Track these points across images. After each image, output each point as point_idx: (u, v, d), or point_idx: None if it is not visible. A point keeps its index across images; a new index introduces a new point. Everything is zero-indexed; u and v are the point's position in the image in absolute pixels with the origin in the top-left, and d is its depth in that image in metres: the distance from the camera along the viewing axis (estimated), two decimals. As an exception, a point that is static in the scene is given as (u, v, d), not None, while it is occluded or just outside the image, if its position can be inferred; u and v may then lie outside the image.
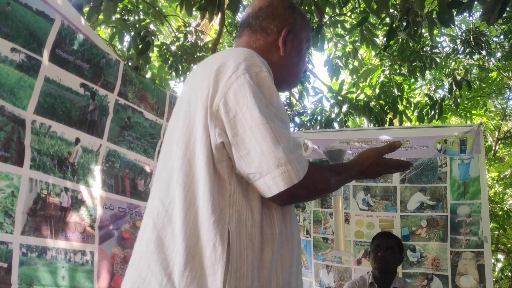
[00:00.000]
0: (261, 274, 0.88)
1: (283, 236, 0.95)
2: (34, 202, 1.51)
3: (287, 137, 0.88)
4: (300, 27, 1.13)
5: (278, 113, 0.91)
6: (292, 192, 0.88)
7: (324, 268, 3.17)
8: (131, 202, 1.93)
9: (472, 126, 3.03)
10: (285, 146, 0.86)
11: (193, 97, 0.94)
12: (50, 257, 1.52)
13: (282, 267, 0.94)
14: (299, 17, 1.14)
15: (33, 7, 1.57)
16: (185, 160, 0.91)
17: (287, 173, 0.85)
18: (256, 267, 0.87)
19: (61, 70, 1.66)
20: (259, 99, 0.87)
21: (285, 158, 0.85)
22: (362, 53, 5.46)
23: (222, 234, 0.85)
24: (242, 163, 0.88)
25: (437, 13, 2.97)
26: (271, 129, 0.85)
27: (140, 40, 3.68)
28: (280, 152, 0.85)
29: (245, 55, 0.93)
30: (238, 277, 0.84)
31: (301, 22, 1.14)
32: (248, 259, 0.86)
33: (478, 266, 2.77)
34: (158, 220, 0.93)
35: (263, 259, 0.90)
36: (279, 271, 0.93)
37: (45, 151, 1.58)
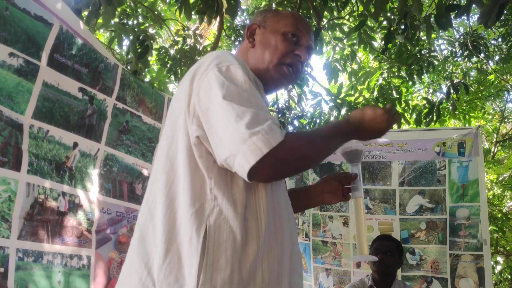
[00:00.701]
0: (244, 267, 0.87)
1: (271, 231, 0.93)
2: (31, 207, 1.50)
3: (252, 113, 0.86)
4: (271, 19, 1.16)
5: (253, 97, 0.91)
6: (269, 163, 0.85)
7: (323, 271, 3.17)
8: (129, 206, 1.92)
9: (470, 129, 3.04)
10: (248, 121, 0.85)
11: (175, 102, 1.00)
12: (47, 262, 1.52)
13: (270, 263, 0.91)
14: (269, 14, 1.18)
15: (32, 12, 1.57)
16: (167, 160, 0.95)
17: (254, 145, 0.84)
18: (237, 260, 0.87)
19: (59, 75, 1.66)
20: (224, 87, 0.90)
21: (249, 132, 0.84)
22: (360, 56, 5.47)
23: (198, 227, 0.87)
24: (218, 151, 0.89)
25: (435, 17, 2.98)
26: (233, 109, 0.86)
27: (139, 44, 3.67)
28: (242, 128, 0.85)
29: (218, 54, 0.98)
30: (214, 269, 0.85)
31: (272, 16, 1.17)
32: (228, 251, 0.86)
33: (477, 268, 2.77)
34: (141, 218, 0.97)
35: (246, 252, 0.88)
36: (265, 267, 0.91)
37: (43, 155, 1.58)
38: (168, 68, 4.22)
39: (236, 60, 0.97)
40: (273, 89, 1.17)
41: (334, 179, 1.24)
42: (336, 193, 1.24)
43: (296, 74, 1.14)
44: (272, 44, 1.11)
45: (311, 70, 4.84)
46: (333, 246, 3.16)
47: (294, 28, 1.13)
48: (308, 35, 1.15)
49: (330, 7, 3.85)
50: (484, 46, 5.02)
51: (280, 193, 1.01)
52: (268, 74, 1.10)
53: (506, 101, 7.00)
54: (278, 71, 1.10)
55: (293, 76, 1.13)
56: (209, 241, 0.86)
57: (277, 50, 1.10)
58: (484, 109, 6.47)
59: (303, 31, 1.14)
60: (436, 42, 5.61)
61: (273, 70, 1.09)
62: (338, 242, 3.15)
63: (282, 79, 1.11)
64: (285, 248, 0.96)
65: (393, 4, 3.69)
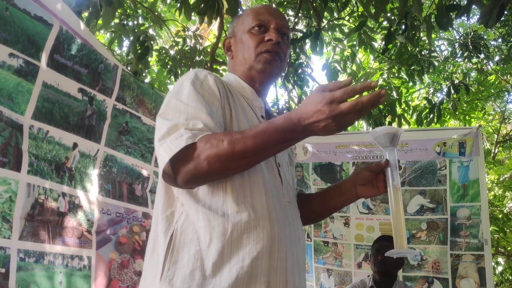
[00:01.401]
0: (207, 264, 0.91)
1: (243, 230, 0.93)
2: (31, 207, 1.50)
3: (169, 125, 0.93)
4: (237, 26, 1.20)
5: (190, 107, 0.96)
6: (176, 169, 0.92)
7: (324, 271, 3.16)
8: (128, 207, 1.92)
9: (471, 129, 3.04)
10: (162, 134, 0.93)
11: None
12: (48, 262, 1.52)
13: (239, 260, 0.91)
14: (235, 21, 1.23)
15: (32, 12, 1.57)
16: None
17: (160, 156, 0.92)
18: (199, 258, 0.92)
19: (59, 75, 1.66)
20: (165, 104, 1.01)
21: (158, 144, 0.93)
22: (360, 57, 5.48)
23: (167, 230, 0.96)
24: None
25: (435, 17, 2.98)
26: (159, 124, 0.97)
27: (139, 45, 3.68)
28: (156, 141, 0.95)
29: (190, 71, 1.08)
30: (177, 268, 0.92)
31: (237, 22, 1.21)
32: (191, 251, 0.93)
33: (478, 269, 2.76)
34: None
35: (210, 250, 0.92)
36: (233, 263, 0.91)
37: (43, 156, 1.58)
38: (169, 69, 4.22)
39: (193, 71, 1.04)
40: (267, 81, 1.18)
41: (365, 169, 1.15)
42: (370, 184, 1.14)
43: (279, 56, 1.13)
44: (244, 45, 1.15)
45: (311, 71, 4.84)
46: (334, 246, 3.15)
47: (256, 20, 1.15)
48: (274, 18, 1.15)
49: (330, 8, 3.85)
50: (484, 47, 5.02)
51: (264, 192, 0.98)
52: (253, 69, 1.13)
53: (507, 102, 7.00)
54: (259, 61, 1.12)
55: (277, 59, 1.13)
56: (174, 242, 0.94)
57: (249, 46, 1.13)
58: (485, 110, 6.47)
59: (268, 17, 1.15)
60: (436, 43, 5.62)
61: (255, 63, 1.13)
62: (339, 243, 3.14)
63: (266, 66, 1.12)
64: (263, 243, 0.93)
65: (393, 5, 3.69)
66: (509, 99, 6.99)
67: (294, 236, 1.03)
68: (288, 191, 1.09)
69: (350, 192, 1.17)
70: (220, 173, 0.93)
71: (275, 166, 1.08)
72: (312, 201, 1.25)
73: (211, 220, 0.94)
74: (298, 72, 4.63)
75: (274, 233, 0.96)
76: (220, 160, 0.88)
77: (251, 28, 1.15)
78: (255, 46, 1.12)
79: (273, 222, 0.97)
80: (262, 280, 0.92)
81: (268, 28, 1.14)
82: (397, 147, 1.10)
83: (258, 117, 1.12)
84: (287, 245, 0.99)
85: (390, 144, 1.06)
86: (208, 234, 0.93)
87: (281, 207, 1.02)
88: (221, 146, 0.88)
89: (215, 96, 1.01)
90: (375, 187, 1.14)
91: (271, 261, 0.94)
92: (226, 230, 0.93)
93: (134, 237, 1.91)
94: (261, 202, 0.97)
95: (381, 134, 1.06)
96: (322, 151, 3.28)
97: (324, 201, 1.23)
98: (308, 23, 4.27)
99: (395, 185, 1.07)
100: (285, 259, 0.97)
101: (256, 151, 0.90)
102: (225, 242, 0.92)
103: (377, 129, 1.07)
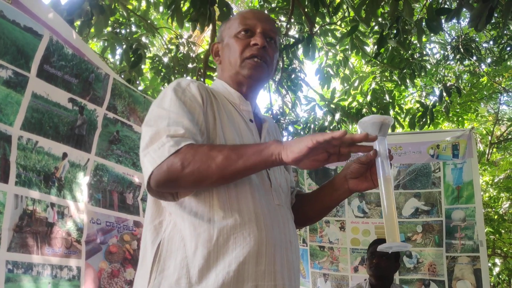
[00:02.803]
0: (193, 271, 0.91)
1: (228, 236, 0.93)
2: (20, 218, 1.49)
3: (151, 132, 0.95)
4: (224, 31, 1.20)
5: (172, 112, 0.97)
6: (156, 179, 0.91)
7: (321, 276, 3.15)
8: (119, 216, 1.91)
9: (463, 131, 3.05)
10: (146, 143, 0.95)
11: None
12: (36, 273, 1.50)
13: (225, 265, 0.91)
14: (222, 27, 1.23)
15: (21, 23, 1.57)
16: None
17: (145, 167, 0.93)
18: (185, 266, 0.92)
19: (49, 86, 1.65)
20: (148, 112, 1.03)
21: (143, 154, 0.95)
22: (353, 62, 5.50)
23: (154, 240, 0.97)
24: None
25: (426, 21, 3.00)
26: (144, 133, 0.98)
27: (132, 52, 3.68)
28: (141, 150, 0.96)
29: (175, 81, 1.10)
30: (163, 276, 0.93)
31: (224, 27, 1.21)
32: (177, 259, 0.93)
33: (474, 270, 2.76)
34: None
35: (196, 257, 0.92)
36: (220, 268, 0.91)
37: (31, 166, 1.57)
38: (162, 76, 4.23)
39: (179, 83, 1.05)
40: (255, 86, 1.17)
41: (355, 162, 1.09)
42: (362, 177, 1.09)
43: (265, 61, 1.13)
44: (231, 50, 1.14)
45: (304, 76, 4.86)
46: (330, 251, 3.15)
47: (242, 25, 1.14)
48: (261, 22, 1.15)
49: (322, 13, 3.88)
50: (476, 49, 5.07)
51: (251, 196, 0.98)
52: (240, 75, 1.13)
53: (500, 103, 7.05)
54: (245, 67, 1.12)
55: (263, 64, 1.12)
56: (161, 251, 0.95)
57: (235, 51, 1.13)
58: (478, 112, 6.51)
59: (254, 21, 1.15)
60: (428, 46, 5.66)
61: (240, 68, 1.12)
62: (335, 247, 3.14)
63: (252, 71, 1.12)
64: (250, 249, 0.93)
65: (384, 9, 3.72)
66: (502, 101, 7.04)
67: (285, 239, 1.02)
68: (278, 193, 1.07)
69: (342, 187, 1.13)
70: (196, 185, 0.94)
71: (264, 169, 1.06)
72: (308, 201, 1.23)
73: (197, 227, 0.94)
74: (292, 77, 4.65)
75: (262, 236, 0.95)
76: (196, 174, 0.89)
77: (237, 33, 1.15)
78: (240, 51, 1.12)
79: (260, 225, 0.96)
80: (249, 285, 0.92)
81: (254, 32, 1.14)
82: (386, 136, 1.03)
83: (246, 121, 1.12)
84: (276, 248, 0.97)
85: (379, 134, 1.01)
86: (194, 241, 0.93)
87: (269, 210, 1.00)
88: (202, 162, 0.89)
89: (197, 103, 1.02)
90: (369, 180, 1.09)
91: (258, 265, 0.93)
92: (212, 236, 0.93)
93: (125, 246, 1.90)
94: (248, 206, 0.97)
95: (369, 124, 1.01)
96: (316, 155, 3.28)
97: (319, 199, 1.20)
98: (301, 28, 4.29)
99: (386, 177, 1.01)
100: (273, 263, 0.96)
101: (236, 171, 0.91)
102: (211, 248, 0.92)
103: (365, 118, 1.02)
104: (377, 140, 1.01)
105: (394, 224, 1.00)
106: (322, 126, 4.57)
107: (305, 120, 4.89)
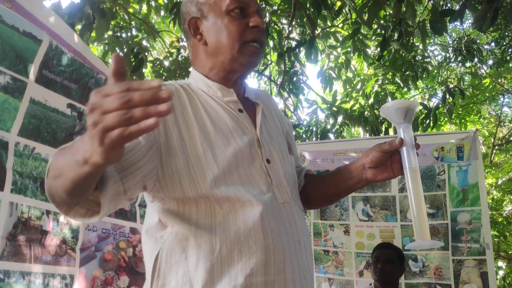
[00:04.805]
0: (196, 286, 0.83)
1: (232, 245, 0.85)
2: (14, 226, 1.46)
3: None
4: (207, 5, 1.00)
5: None
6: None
7: (326, 281, 3.12)
8: (116, 223, 1.88)
9: (468, 133, 3.03)
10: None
11: None
12: (28, 282, 1.48)
13: (231, 278, 0.83)
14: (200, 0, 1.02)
15: (20, 28, 1.55)
16: None
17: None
18: (188, 281, 0.83)
19: (48, 91, 1.63)
20: None
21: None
22: (354, 64, 5.50)
23: (152, 253, 0.89)
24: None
25: (429, 22, 2.99)
26: None
27: (133, 56, 3.67)
28: None
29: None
30: None
31: (205, 1, 1.01)
32: (179, 273, 0.84)
33: (481, 273, 2.73)
34: None
35: (198, 270, 0.83)
36: (225, 282, 0.83)
37: (28, 173, 1.55)
38: (163, 80, 4.21)
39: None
40: (248, 73, 1.06)
41: (376, 150, 0.98)
42: (382, 166, 0.99)
43: (263, 47, 1.00)
44: (223, 30, 0.97)
45: (306, 79, 4.85)
46: (335, 255, 3.12)
47: (235, 1, 0.98)
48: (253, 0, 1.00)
49: (324, 16, 3.87)
50: (478, 51, 5.06)
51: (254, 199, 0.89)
52: (236, 62, 0.98)
53: (502, 105, 7.04)
54: (245, 53, 0.97)
55: (261, 50, 1.00)
56: (160, 264, 0.87)
57: (231, 33, 0.96)
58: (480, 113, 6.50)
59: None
60: (430, 48, 5.65)
61: (239, 55, 0.96)
62: (339, 251, 3.11)
63: (252, 60, 0.98)
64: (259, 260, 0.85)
65: (385, 12, 3.71)
66: (504, 103, 7.03)
67: (293, 240, 0.93)
68: (282, 189, 0.96)
69: (360, 176, 1.02)
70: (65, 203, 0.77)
71: (263, 166, 0.96)
72: (319, 186, 1.12)
73: (197, 237, 0.86)
74: (293, 80, 4.64)
75: (268, 243, 0.86)
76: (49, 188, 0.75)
77: (229, 10, 0.97)
78: (239, 33, 0.96)
79: (266, 231, 0.87)
80: None
81: (248, 11, 0.98)
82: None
83: (235, 112, 0.99)
84: (285, 254, 0.89)
85: (404, 120, 0.92)
86: (196, 253, 0.85)
87: (273, 212, 0.91)
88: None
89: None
90: (389, 170, 0.99)
91: (267, 276, 0.85)
92: (214, 247, 0.84)
93: (120, 253, 1.87)
94: (252, 211, 0.87)
95: (393, 110, 0.92)
96: (319, 158, 3.26)
97: (332, 186, 1.10)
98: (302, 31, 4.29)
99: (413, 168, 0.93)
100: (283, 271, 0.87)
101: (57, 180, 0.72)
102: (214, 260, 0.84)
103: (388, 104, 0.93)
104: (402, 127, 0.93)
105: (423, 219, 0.91)
106: (325, 129, 4.55)
107: (307, 123, 4.87)
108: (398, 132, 0.95)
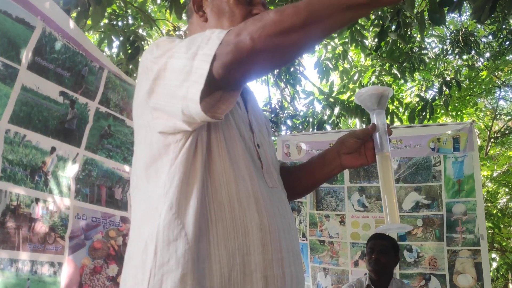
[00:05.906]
0: (197, 266, 0.79)
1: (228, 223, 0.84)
2: (2, 214, 1.45)
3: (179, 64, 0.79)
4: None
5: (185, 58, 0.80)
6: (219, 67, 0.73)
7: (321, 271, 3.13)
8: (106, 211, 1.87)
9: (464, 124, 3.03)
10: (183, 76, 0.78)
11: None
12: (16, 269, 1.47)
13: (229, 256, 0.82)
14: None
15: (13, 14, 1.52)
16: None
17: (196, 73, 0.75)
18: (190, 259, 0.78)
19: (40, 78, 1.61)
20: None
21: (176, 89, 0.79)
22: (352, 55, 5.47)
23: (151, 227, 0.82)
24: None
25: (428, 12, 2.97)
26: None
27: (129, 45, 3.63)
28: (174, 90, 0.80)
29: None
30: (165, 271, 0.78)
31: None
32: (179, 251, 0.79)
33: (475, 264, 2.75)
34: None
35: (200, 249, 0.80)
36: (223, 261, 0.81)
37: (18, 160, 1.53)
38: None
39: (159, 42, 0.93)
40: None
41: (350, 136, 1.01)
42: (356, 153, 1.02)
43: None
44: (227, 11, 0.98)
45: (303, 70, 4.83)
46: (330, 245, 3.13)
47: None
48: None
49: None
50: (475, 43, 5.05)
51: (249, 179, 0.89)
52: None
53: (498, 98, 7.05)
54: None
55: None
56: (157, 241, 0.80)
57: (235, 16, 0.97)
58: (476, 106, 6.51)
59: None
60: (427, 40, 5.64)
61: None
62: (335, 241, 3.12)
63: None
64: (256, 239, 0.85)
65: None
66: (500, 95, 7.04)
67: (285, 222, 0.93)
68: (271, 174, 0.97)
69: (334, 162, 1.06)
70: (266, 53, 0.72)
71: (254, 149, 0.95)
72: (295, 176, 1.13)
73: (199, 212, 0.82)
74: (290, 70, 4.62)
75: (264, 223, 0.86)
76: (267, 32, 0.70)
77: None
78: (242, 18, 0.96)
79: (261, 211, 0.86)
80: (258, 276, 0.83)
81: (253, 0, 1.00)
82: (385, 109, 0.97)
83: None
84: (280, 234, 0.89)
85: (378, 107, 0.94)
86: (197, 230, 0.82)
87: (267, 194, 0.91)
88: (266, 17, 0.70)
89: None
90: (363, 156, 1.02)
91: (265, 255, 0.85)
92: (211, 226, 0.83)
93: (110, 242, 1.86)
94: (246, 191, 0.86)
95: (367, 95, 0.94)
96: (316, 149, 3.26)
97: (308, 174, 1.12)
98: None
99: (385, 153, 0.95)
100: (279, 250, 0.87)
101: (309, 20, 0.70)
102: (211, 239, 0.82)
103: (362, 90, 0.95)
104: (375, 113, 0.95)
105: (393, 204, 0.93)
106: (321, 120, 4.54)
107: (304, 114, 4.86)
108: (371, 118, 0.96)
